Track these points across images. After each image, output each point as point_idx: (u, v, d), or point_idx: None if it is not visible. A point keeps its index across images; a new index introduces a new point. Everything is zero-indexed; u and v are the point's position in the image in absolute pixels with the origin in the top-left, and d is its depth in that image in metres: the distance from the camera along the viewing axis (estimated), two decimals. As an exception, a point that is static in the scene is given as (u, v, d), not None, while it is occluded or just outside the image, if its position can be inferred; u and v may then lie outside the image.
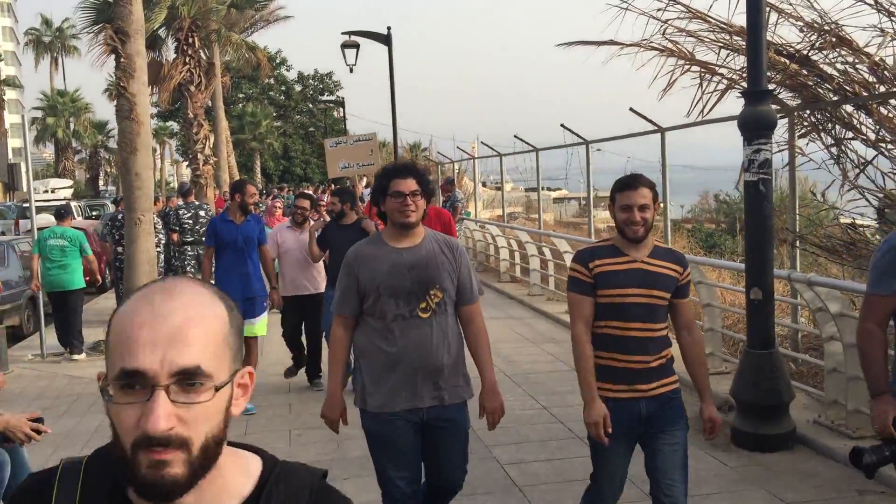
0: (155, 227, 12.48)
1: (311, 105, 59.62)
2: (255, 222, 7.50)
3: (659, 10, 7.25)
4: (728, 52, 7.56)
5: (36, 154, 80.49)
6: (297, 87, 59.47)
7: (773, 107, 8.08)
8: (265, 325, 7.63)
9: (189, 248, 12.19)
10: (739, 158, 7.98)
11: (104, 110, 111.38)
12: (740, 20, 7.24)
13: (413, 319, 3.60)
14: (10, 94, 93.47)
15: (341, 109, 44.79)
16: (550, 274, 12.88)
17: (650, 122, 10.71)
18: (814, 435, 5.87)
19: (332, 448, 6.31)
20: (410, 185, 3.61)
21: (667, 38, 8.35)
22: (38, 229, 10.67)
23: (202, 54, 21.45)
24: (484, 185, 41.20)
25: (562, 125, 13.61)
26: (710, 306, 7.76)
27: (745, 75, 7.84)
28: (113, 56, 10.85)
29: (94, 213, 26.71)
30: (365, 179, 20.59)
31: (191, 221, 12.17)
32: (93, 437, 6.90)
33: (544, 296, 13.04)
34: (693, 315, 3.66)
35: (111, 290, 15.13)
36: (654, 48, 8.54)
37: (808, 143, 7.77)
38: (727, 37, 7.19)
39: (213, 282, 7.44)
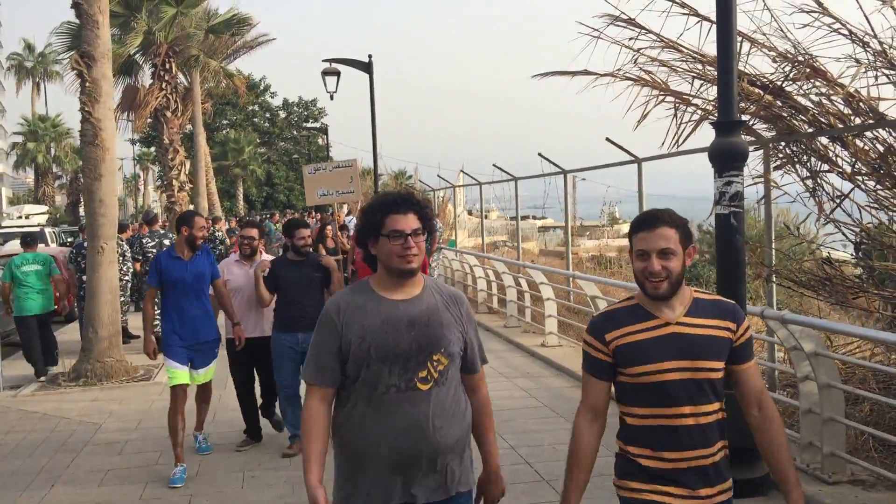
0: (124, 255, 12.20)
1: (295, 132, 59.54)
2: (206, 256, 6.69)
3: (631, 38, 7.11)
4: (702, 82, 7.40)
5: (19, 179, 80.00)
6: (282, 114, 59.40)
7: (748, 138, 7.94)
8: (213, 370, 6.83)
9: (154, 278, 11.86)
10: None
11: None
12: (712, 49, 7.10)
13: (410, 392, 2.84)
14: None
15: (325, 136, 44.64)
16: (527, 305, 12.63)
17: (626, 152, 10.56)
18: (789, 479, 5.61)
19: (287, 492, 6.01)
20: (411, 222, 2.87)
21: (640, 68, 8.21)
22: (6, 256, 10.85)
23: (181, 79, 21.26)
24: (470, 213, 41.10)
25: (539, 154, 13.44)
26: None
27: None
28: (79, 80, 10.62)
29: (69, 240, 26.35)
30: (346, 207, 20.35)
31: (154, 250, 11.87)
32: (36, 479, 6.56)
33: (521, 327, 12.78)
34: (763, 384, 2.84)
35: (77, 322, 14.74)
36: (628, 78, 8.38)
37: (782, 176, 7.60)
38: (700, 66, 7.04)
39: (156, 326, 6.82)
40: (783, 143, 7.56)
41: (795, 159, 7.58)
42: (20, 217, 32.25)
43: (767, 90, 6.80)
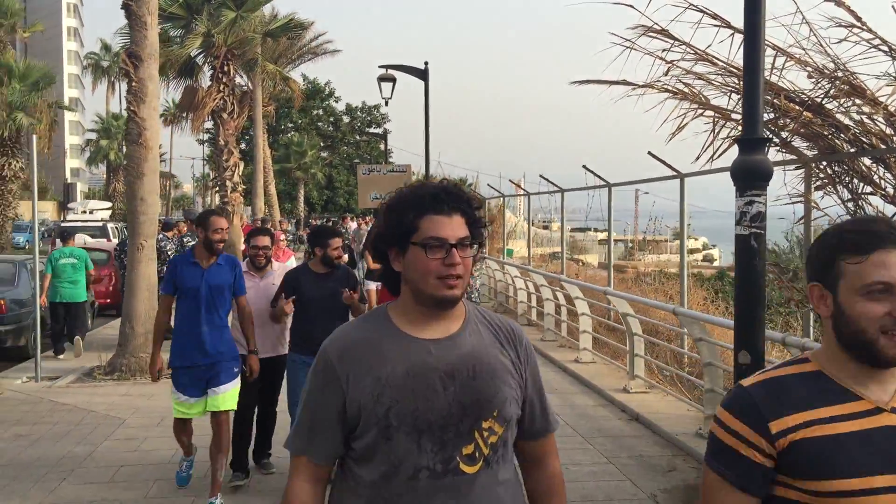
0: (169, 254, 12.42)
1: (357, 136, 60.15)
2: (229, 267, 5.80)
3: (664, 50, 6.89)
4: (739, 97, 7.13)
5: (97, 175, 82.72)
6: (346, 119, 60.09)
7: (788, 156, 7.67)
8: (235, 396, 5.86)
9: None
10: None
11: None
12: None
13: (450, 478, 1.96)
14: (70, 116, 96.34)
15: (385, 141, 44.96)
16: (563, 320, 12.42)
17: (669, 166, 10.32)
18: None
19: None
20: (458, 228, 1.99)
21: (680, 81, 7.99)
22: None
23: (239, 82, 21.61)
24: (532, 223, 40.89)
25: (584, 166, 13.23)
26: (711, 365, 7.27)
27: (766, 124, 7.45)
28: (126, 80, 10.84)
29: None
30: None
31: (194, 250, 12.02)
32: (51, 471, 6.65)
33: (557, 342, 12.57)
34: None
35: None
36: (666, 90, 8.16)
37: (822, 197, 7.29)
38: (736, 80, 6.79)
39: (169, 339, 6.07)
40: (825, 163, 7.25)
41: (837, 180, 7.26)
42: (84, 212, 33.23)
43: (806, 107, 6.51)
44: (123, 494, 6.10)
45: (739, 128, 8.09)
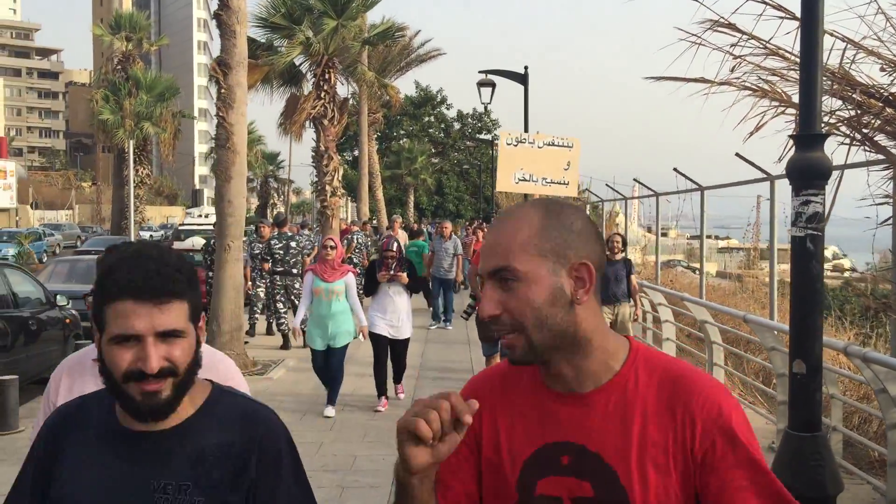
0: (261, 255, 12.85)
1: (468, 143, 60.45)
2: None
3: (731, 45, 6.58)
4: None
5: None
6: (457, 125, 60.50)
7: (876, 155, 7.17)
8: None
9: (278, 278, 12.38)
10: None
11: (275, 142, 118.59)
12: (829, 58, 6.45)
13: None
14: (200, 125, 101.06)
15: (492, 148, 45.00)
16: (648, 326, 11.98)
17: (759, 168, 9.84)
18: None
19: (335, 495, 6.02)
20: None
21: (760, 78, 7.62)
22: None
23: (340, 88, 22.09)
24: (649, 230, 39.98)
25: (675, 169, 12.83)
26: (784, 376, 6.86)
27: (846, 121, 7.00)
28: (216, 87, 11.25)
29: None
30: (395, 218, 19.20)
31: (281, 252, 12.36)
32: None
33: (643, 350, 12.13)
34: None
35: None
36: (746, 87, 7.81)
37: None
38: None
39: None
40: (914, 162, 6.73)
41: (927, 180, 6.74)
42: (199, 216, 34.84)
43: (886, 101, 6.08)
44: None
45: (825, 127, 7.66)
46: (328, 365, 8.39)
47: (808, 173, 5.05)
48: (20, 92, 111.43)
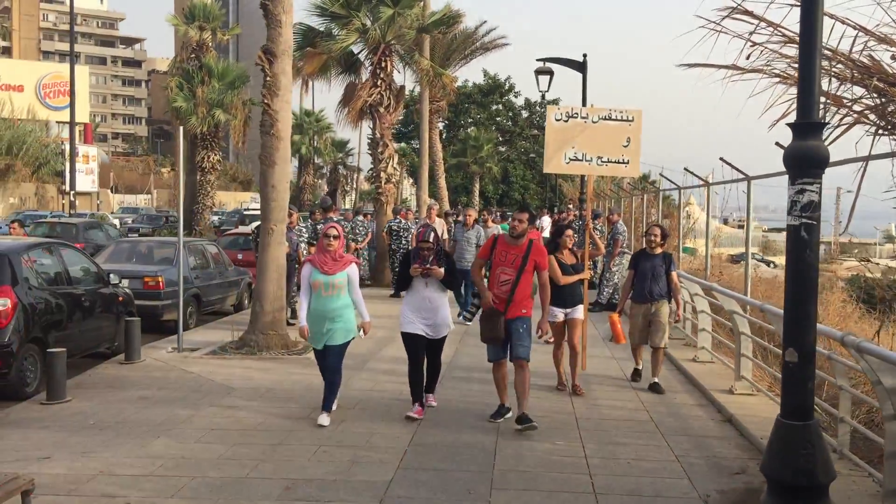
0: (307, 239, 13.20)
1: (535, 131, 60.16)
2: None
3: (749, 32, 6.50)
4: (840, 82, 6.60)
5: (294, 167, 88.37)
6: (524, 114, 60.25)
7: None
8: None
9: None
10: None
11: (345, 130, 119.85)
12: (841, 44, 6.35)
13: None
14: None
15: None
16: (687, 317, 11.79)
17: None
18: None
19: (344, 468, 6.25)
20: None
21: (789, 66, 7.51)
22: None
23: (398, 76, 22.29)
24: (726, 222, 39.27)
25: (721, 159, 12.61)
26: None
27: (873, 109, 6.85)
28: (262, 75, 11.57)
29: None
30: (432, 205, 18.59)
31: (325, 236, 12.66)
32: (152, 429, 7.33)
33: (684, 340, 12.05)
34: None
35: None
36: (776, 75, 7.70)
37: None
38: (826, 64, 6.28)
39: None
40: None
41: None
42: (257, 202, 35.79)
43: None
44: (200, 454, 6.62)
45: (853, 115, 7.51)
46: (325, 365, 7.68)
47: (804, 161, 5.04)
48: (105, 80, 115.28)
